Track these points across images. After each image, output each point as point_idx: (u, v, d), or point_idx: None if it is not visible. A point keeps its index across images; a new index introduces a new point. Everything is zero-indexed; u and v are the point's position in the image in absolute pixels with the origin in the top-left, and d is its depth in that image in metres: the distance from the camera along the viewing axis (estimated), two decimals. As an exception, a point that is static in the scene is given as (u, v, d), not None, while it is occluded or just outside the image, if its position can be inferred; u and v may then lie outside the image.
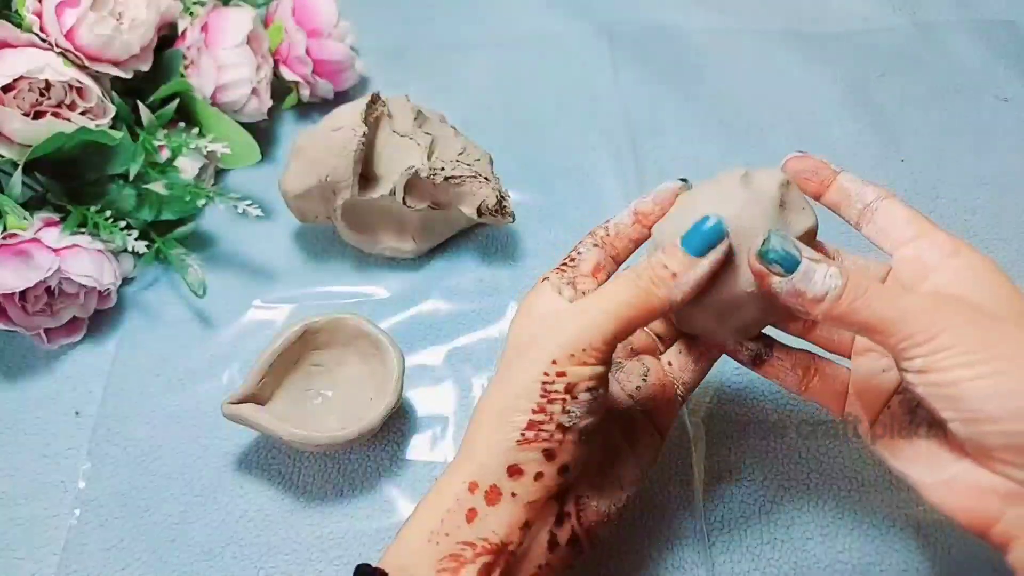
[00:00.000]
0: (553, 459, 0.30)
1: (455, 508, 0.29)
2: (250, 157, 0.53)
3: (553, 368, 0.29)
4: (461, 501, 0.29)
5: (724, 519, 0.40)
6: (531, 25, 0.66)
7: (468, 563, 0.29)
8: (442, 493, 0.30)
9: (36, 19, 0.45)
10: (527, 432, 0.29)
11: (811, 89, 0.61)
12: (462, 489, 0.29)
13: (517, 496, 0.29)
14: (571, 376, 0.29)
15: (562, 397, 0.29)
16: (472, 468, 0.30)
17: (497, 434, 0.30)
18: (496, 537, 0.29)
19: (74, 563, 0.40)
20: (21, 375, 0.47)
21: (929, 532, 0.39)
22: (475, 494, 0.29)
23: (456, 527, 0.29)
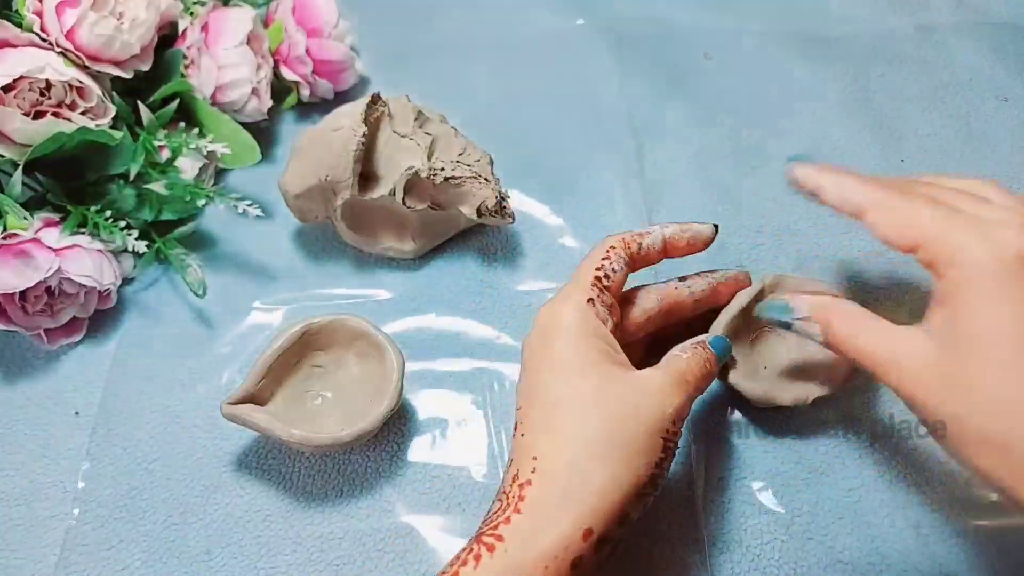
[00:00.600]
0: (645, 506, 0.32)
1: (563, 556, 0.29)
2: (250, 157, 0.53)
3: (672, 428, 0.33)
4: (571, 549, 0.30)
5: (724, 519, 0.40)
6: (531, 25, 0.66)
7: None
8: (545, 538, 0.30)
9: (36, 19, 0.45)
10: (647, 487, 0.31)
11: (811, 89, 0.61)
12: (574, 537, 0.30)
13: (612, 541, 0.31)
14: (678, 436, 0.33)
15: (673, 454, 0.33)
16: (586, 516, 0.30)
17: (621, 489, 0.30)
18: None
19: (73, 563, 0.40)
20: (21, 375, 0.47)
21: (929, 532, 0.39)
22: (587, 542, 0.30)
23: (558, 574, 0.29)
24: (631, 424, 0.31)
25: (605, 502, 0.30)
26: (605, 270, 0.35)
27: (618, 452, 0.31)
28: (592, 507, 0.30)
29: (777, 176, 0.37)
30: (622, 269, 0.36)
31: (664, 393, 0.33)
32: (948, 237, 0.30)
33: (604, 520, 0.30)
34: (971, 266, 0.29)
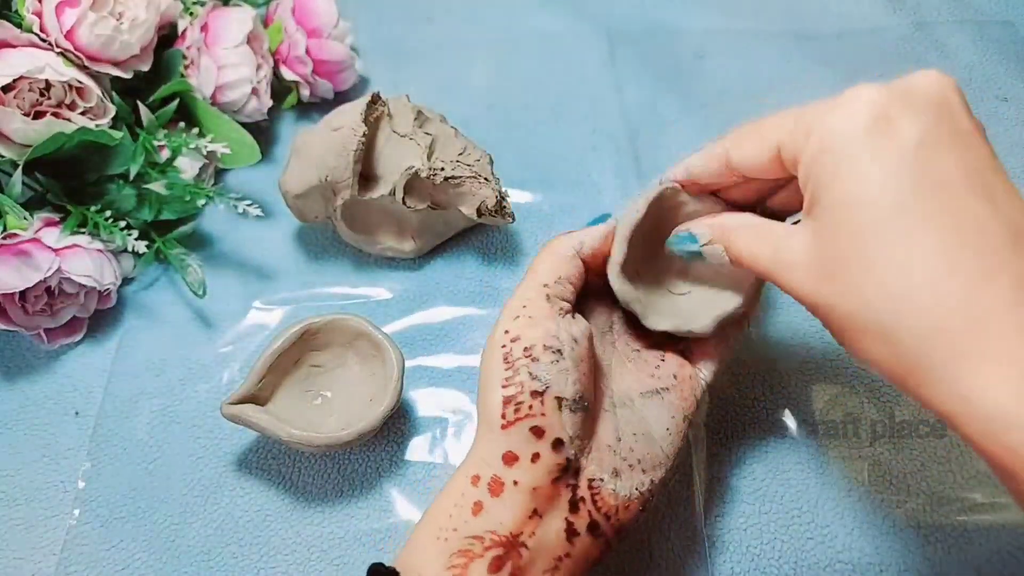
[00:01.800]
0: (542, 436, 0.29)
1: (461, 503, 0.29)
2: (250, 157, 0.53)
3: (506, 337, 0.31)
4: (466, 495, 0.29)
5: (724, 519, 0.40)
6: (531, 25, 0.66)
7: (477, 557, 0.28)
8: (448, 490, 0.30)
9: (36, 19, 0.45)
10: (506, 411, 0.29)
11: (811, 89, 0.60)
12: (465, 483, 0.30)
13: (519, 484, 0.29)
14: (525, 339, 0.30)
15: (525, 362, 0.30)
16: (472, 461, 0.30)
17: (484, 424, 0.30)
18: (504, 528, 0.29)
19: (73, 563, 0.40)
20: (21, 375, 0.47)
21: (929, 532, 0.39)
22: (478, 487, 0.29)
23: (463, 522, 0.29)
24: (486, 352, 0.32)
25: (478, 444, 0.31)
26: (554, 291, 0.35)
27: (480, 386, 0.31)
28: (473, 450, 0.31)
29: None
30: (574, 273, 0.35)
31: (507, 304, 0.33)
32: (799, 125, 0.27)
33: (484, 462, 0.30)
34: (826, 138, 0.26)
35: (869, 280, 0.24)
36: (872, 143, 0.25)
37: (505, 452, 0.29)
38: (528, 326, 0.31)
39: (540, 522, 0.29)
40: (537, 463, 0.29)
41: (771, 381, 0.45)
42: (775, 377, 0.45)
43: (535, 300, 0.32)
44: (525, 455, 0.29)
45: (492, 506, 0.29)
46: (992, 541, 0.39)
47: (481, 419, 0.31)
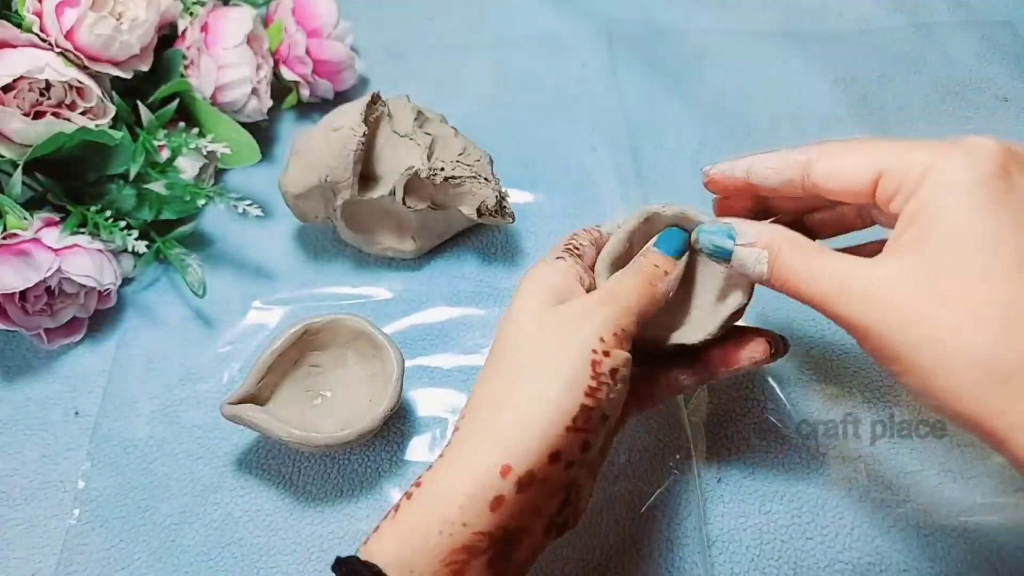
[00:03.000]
0: (587, 450, 0.29)
1: (479, 495, 0.27)
2: (250, 157, 0.53)
3: (601, 346, 0.29)
4: (488, 488, 0.27)
5: (724, 519, 0.40)
6: (531, 25, 0.66)
7: (481, 554, 0.27)
8: (460, 478, 0.28)
9: (36, 19, 0.45)
10: (578, 419, 0.28)
11: (811, 89, 0.61)
12: (492, 474, 0.27)
13: (545, 483, 0.28)
14: (614, 358, 0.29)
15: (608, 382, 0.29)
16: (503, 451, 0.28)
17: (544, 418, 0.28)
18: (514, 524, 0.28)
19: (73, 563, 0.40)
20: (21, 375, 0.47)
21: (929, 532, 0.39)
22: (506, 479, 0.27)
23: (476, 515, 0.27)
24: (552, 347, 0.29)
25: (525, 434, 0.28)
26: (575, 242, 0.35)
27: (539, 377, 0.29)
28: (510, 440, 0.28)
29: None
30: (589, 246, 0.35)
31: (586, 310, 0.30)
32: (912, 159, 0.27)
33: (525, 455, 0.27)
34: (945, 181, 0.26)
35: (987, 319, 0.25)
36: (995, 196, 0.26)
37: (553, 452, 0.28)
38: (620, 348, 0.30)
39: (537, 519, 0.29)
40: (568, 470, 0.29)
41: (771, 381, 0.45)
42: (775, 377, 0.45)
43: (631, 328, 0.31)
44: (565, 459, 0.28)
45: (513, 502, 0.28)
46: (992, 541, 0.39)
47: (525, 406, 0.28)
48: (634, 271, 0.33)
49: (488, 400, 0.30)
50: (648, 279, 0.32)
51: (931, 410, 0.27)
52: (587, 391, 0.28)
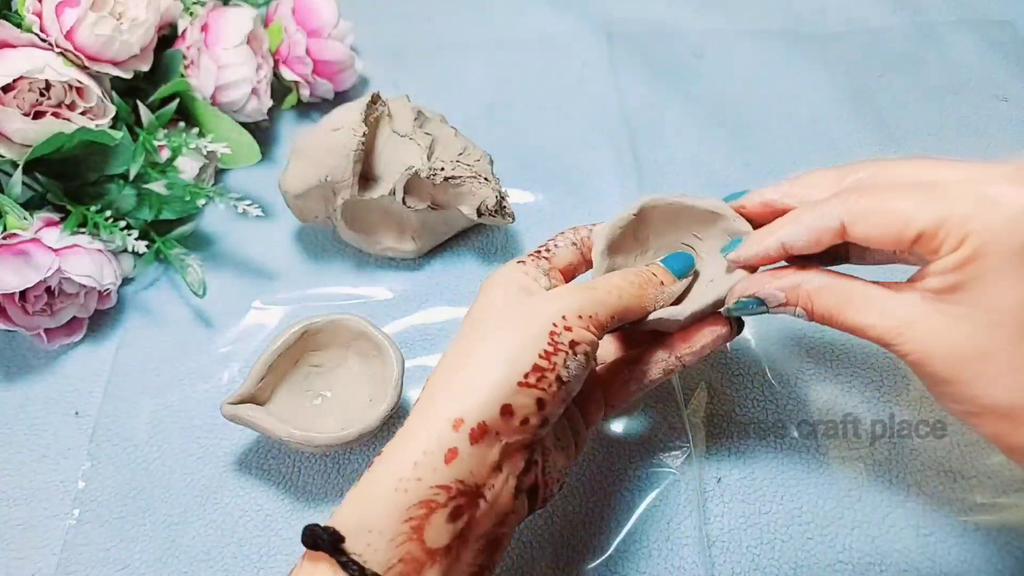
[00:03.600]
0: (542, 409, 0.30)
1: (433, 450, 0.28)
2: (250, 157, 0.53)
3: (562, 322, 0.31)
4: (442, 441, 0.28)
5: (724, 519, 0.40)
6: (531, 25, 0.66)
7: (440, 508, 0.28)
8: (414, 437, 0.29)
9: (36, 19, 0.45)
10: (531, 375, 0.29)
11: (811, 89, 0.61)
12: (444, 427, 0.28)
13: (500, 436, 0.29)
14: (576, 333, 0.31)
15: (566, 350, 0.30)
16: (458, 406, 0.29)
17: (495, 372, 0.29)
18: (472, 479, 0.28)
19: (73, 563, 0.40)
20: (21, 375, 0.47)
21: (929, 532, 0.39)
22: (459, 431, 0.28)
23: (432, 470, 0.28)
24: (515, 319, 0.31)
25: (476, 386, 0.29)
26: (546, 246, 0.37)
27: (495, 339, 0.30)
28: (462, 393, 0.29)
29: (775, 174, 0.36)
30: (567, 246, 0.37)
31: (557, 293, 0.32)
32: (954, 217, 0.28)
33: (476, 407, 0.28)
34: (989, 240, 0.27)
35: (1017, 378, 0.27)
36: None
37: (505, 404, 0.29)
38: (584, 328, 0.31)
39: (499, 476, 0.30)
40: (524, 426, 0.30)
41: (770, 381, 0.45)
42: (775, 377, 0.45)
43: (603, 319, 0.32)
44: (519, 415, 0.29)
45: (467, 454, 0.28)
46: (992, 541, 0.39)
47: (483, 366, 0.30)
48: (624, 274, 0.34)
49: (444, 368, 0.31)
50: (639, 282, 0.34)
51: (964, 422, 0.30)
52: (542, 354, 0.30)
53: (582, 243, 0.37)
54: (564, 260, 0.36)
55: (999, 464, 0.41)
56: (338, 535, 0.27)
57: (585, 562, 0.39)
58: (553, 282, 0.35)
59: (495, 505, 0.30)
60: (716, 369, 0.45)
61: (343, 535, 0.27)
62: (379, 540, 0.27)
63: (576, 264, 0.37)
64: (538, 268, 0.35)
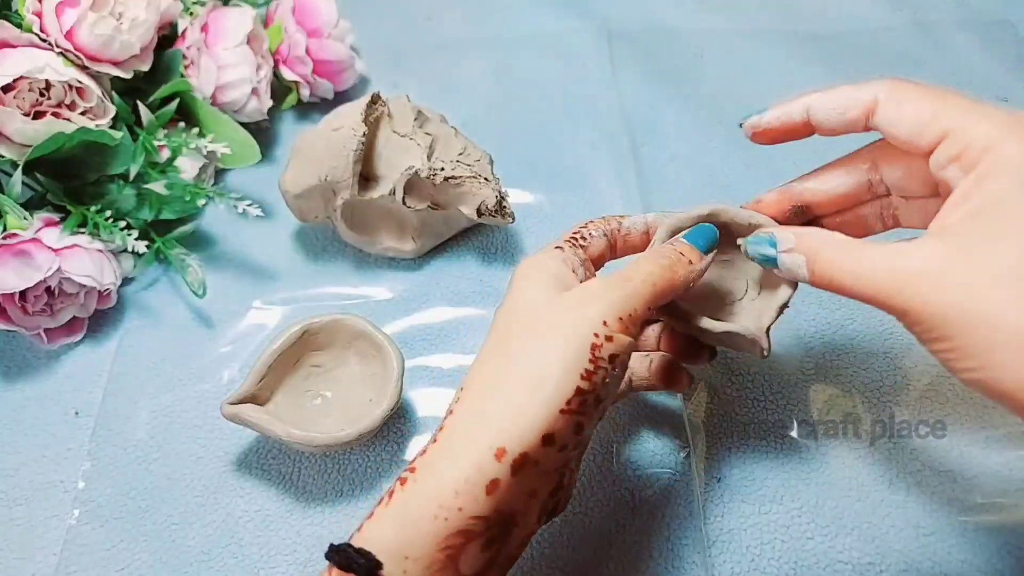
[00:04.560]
0: (580, 432, 0.29)
1: (475, 479, 0.27)
2: (250, 157, 0.53)
3: (603, 330, 0.29)
4: (484, 470, 0.27)
5: (724, 519, 0.40)
6: (531, 25, 0.66)
7: (477, 537, 0.27)
8: (454, 461, 0.27)
9: (36, 19, 0.45)
10: (572, 400, 0.28)
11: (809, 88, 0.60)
12: (487, 457, 0.27)
13: (539, 466, 0.28)
14: (616, 344, 0.29)
15: (606, 367, 0.29)
16: (497, 434, 0.27)
17: (537, 401, 0.28)
18: (509, 508, 0.28)
19: (73, 563, 0.40)
20: (21, 375, 0.47)
21: (929, 532, 0.39)
22: (501, 462, 0.27)
23: (473, 500, 0.27)
24: (551, 329, 0.29)
25: (519, 416, 0.27)
26: (581, 233, 0.35)
27: (535, 358, 0.28)
28: (505, 423, 0.27)
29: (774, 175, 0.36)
30: (600, 236, 0.35)
31: (593, 293, 0.30)
32: (978, 130, 0.27)
33: (519, 437, 0.27)
34: (1007, 162, 0.26)
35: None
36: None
37: (547, 434, 0.28)
38: (624, 334, 0.30)
39: (532, 502, 0.29)
40: (562, 453, 0.29)
41: (771, 381, 0.45)
42: (775, 377, 0.45)
43: (640, 313, 0.31)
44: (559, 442, 0.28)
45: (508, 485, 0.27)
46: (992, 541, 0.39)
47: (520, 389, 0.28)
48: (653, 256, 0.33)
49: (482, 383, 0.29)
50: (669, 264, 0.32)
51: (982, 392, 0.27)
52: (584, 374, 0.28)
53: (613, 234, 0.36)
54: (596, 251, 0.35)
55: (999, 464, 0.41)
56: (376, 561, 0.26)
57: (585, 563, 0.39)
58: (587, 273, 0.34)
59: (525, 529, 0.29)
60: (716, 369, 0.45)
61: (380, 561, 0.26)
62: (416, 567, 0.26)
63: (604, 255, 0.36)
64: (576, 257, 0.33)
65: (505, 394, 0.28)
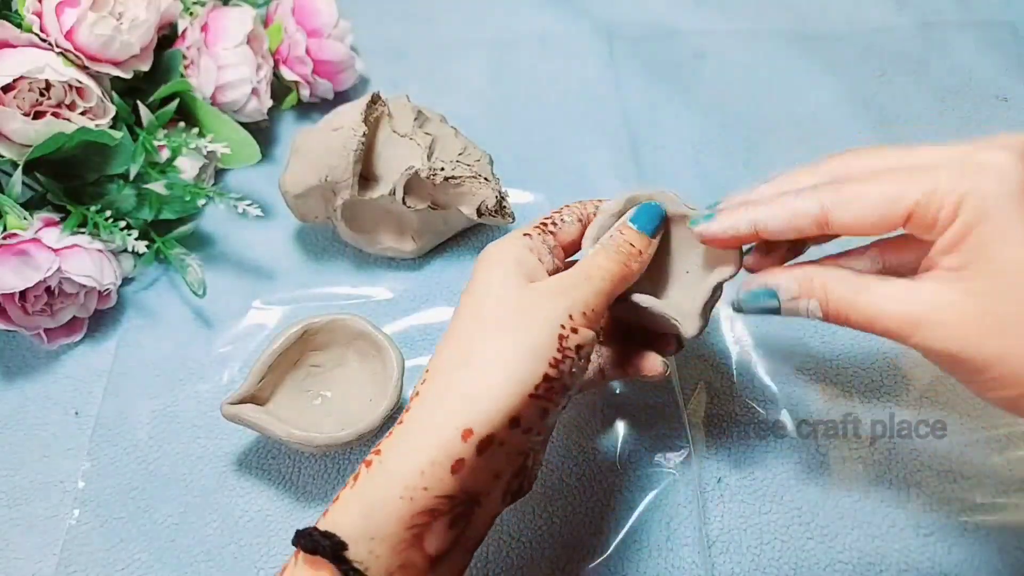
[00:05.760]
0: (545, 417, 0.30)
1: (441, 460, 0.27)
2: (250, 157, 0.53)
3: (569, 322, 0.30)
4: (450, 451, 0.27)
5: (724, 519, 0.40)
6: (531, 25, 0.66)
7: (442, 516, 0.28)
8: (419, 443, 0.28)
9: (36, 19, 0.45)
10: (540, 386, 0.29)
11: (811, 89, 0.61)
12: (453, 437, 0.28)
13: (504, 447, 0.29)
14: (581, 336, 0.30)
15: (573, 356, 0.30)
16: (464, 415, 0.28)
17: (506, 384, 0.28)
18: (474, 487, 0.28)
19: (73, 563, 0.40)
20: (21, 375, 0.47)
21: (929, 532, 0.39)
22: (467, 442, 0.28)
23: (439, 480, 0.27)
24: (522, 318, 0.30)
25: (485, 397, 0.28)
26: (553, 219, 0.36)
27: (505, 345, 0.29)
28: (470, 403, 0.28)
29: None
30: (573, 222, 0.36)
31: (560, 289, 0.31)
32: (943, 187, 0.27)
33: (487, 418, 0.28)
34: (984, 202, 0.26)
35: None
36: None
37: (513, 416, 0.28)
38: (587, 327, 0.31)
39: (497, 482, 0.30)
40: (526, 435, 0.29)
41: (771, 381, 0.45)
42: (775, 377, 0.45)
43: (601, 308, 0.32)
44: (525, 426, 0.29)
45: (473, 465, 0.28)
46: (992, 541, 0.39)
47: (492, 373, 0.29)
48: (609, 252, 0.33)
49: (449, 364, 0.30)
50: (623, 260, 0.33)
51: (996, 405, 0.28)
52: (551, 362, 0.29)
53: (588, 219, 0.36)
54: (569, 236, 0.35)
55: (999, 464, 0.41)
56: (340, 542, 0.27)
57: (585, 562, 0.39)
58: (556, 262, 0.34)
59: (487, 509, 0.30)
60: (716, 369, 0.45)
61: (345, 542, 0.27)
62: (382, 547, 0.27)
63: (577, 240, 0.36)
64: (544, 244, 0.34)
65: (473, 376, 0.29)
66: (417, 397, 0.30)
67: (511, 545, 0.40)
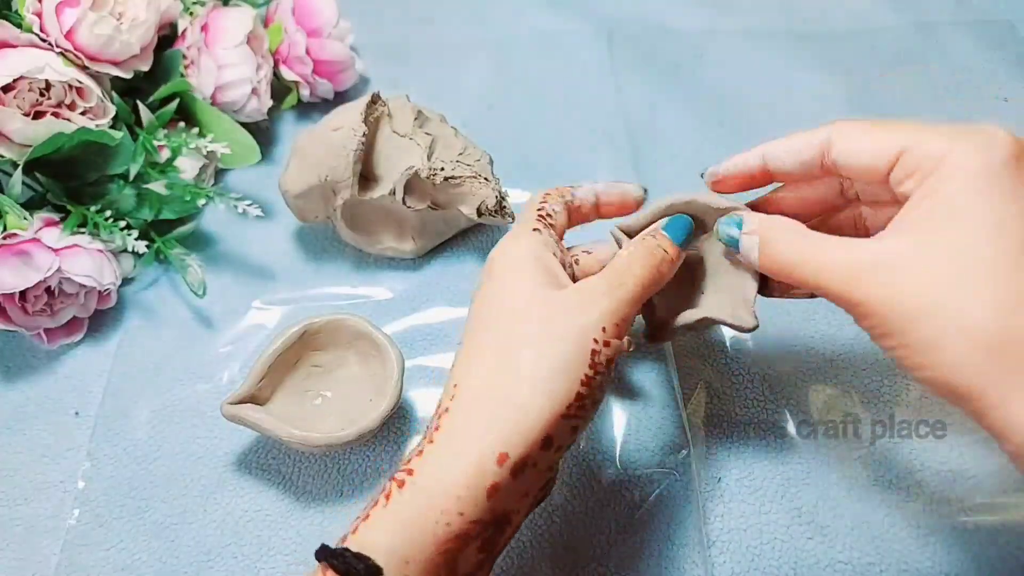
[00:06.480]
0: (575, 433, 0.29)
1: (476, 484, 0.27)
2: (250, 157, 0.53)
3: (602, 335, 0.29)
4: (485, 475, 0.27)
5: (724, 519, 0.40)
6: (531, 25, 0.66)
7: (474, 539, 0.27)
8: (454, 465, 0.27)
9: (36, 19, 0.45)
10: (572, 406, 0.28)
11: (811, 89, 0.61)
12: (488, 462, 0.27)
13: (536, 467, 0.28)
14: (612, 348, 0.30)
15: (604, 371, 0.29)
16: (499, 438, 0.27)
17: (540, 406, 0.28)
18: (506, 508, 0.28)
19: (73, 563, 0.40)
20: (21, 375, 0.47)
21: (929, 532, 0.39)
22: (502, 467, 0.27)
23: (475, 505, 0.27)
24: (553, 334, 0.29)
25: (523, 421, 0.28)
26: (547, 209, 0.35)
27: (538, 364, 0.28)
28: (507, 427, 0.27)
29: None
30: (562, 211, 0.35)
31: (592, 298, 0.30)
32: (931, 143, 0.28)
33: (522, 442, 0.27)
34: (958, 167, 0.27)
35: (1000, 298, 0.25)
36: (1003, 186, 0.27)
37: (546, 436, 0.28)
38: (618, 338, 0.30)
39: (526, 500, 0.29)
40: (557, 454, 0.29)
41: (770, 381, 0.45)
42: (774, 377, 0.45)
43: (632, 317, 0.31)
44: (556, 444, 0.29)
45: (507, 488, 0.27)
46: (992, 541, 0.39)
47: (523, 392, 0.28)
48: (644, 258, 0.33)
49: (479, 381, 0.29)
50: (656, 265, 0.33)
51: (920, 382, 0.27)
52: (583, 379, 0.29)
53: (568, 206, 0.36)
54: (562, 225, 0.36)
55: (999, 464, 0.41)
56: (376, 567, 0.26)
57: (585, 563, 0.39)
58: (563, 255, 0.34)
59: (516, 525, 0.30)
60: (716, 369, 0.45)
61: (380, 567, 0.26)
62: (415, 570, 0.26)
63: (564, 228, 0.36)
64: (552, 239, 0.33)
65: (506, 397, 0.28)
66: (447, 414, 0.29)
67: (511, 545, 0.40)
